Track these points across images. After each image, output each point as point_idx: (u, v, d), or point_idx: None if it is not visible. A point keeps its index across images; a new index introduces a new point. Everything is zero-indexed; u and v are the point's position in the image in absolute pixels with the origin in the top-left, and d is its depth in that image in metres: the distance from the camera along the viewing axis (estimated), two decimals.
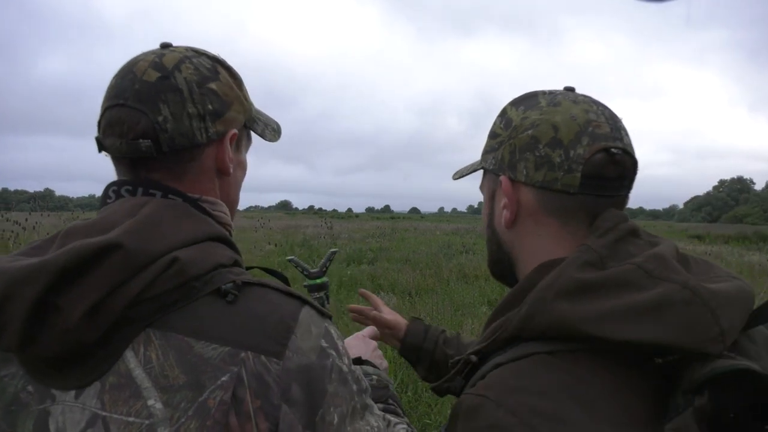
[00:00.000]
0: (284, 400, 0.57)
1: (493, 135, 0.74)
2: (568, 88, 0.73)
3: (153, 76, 0.67)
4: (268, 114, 0.87)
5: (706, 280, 0.57)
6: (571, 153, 0.65)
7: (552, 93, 0.72)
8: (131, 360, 0.56)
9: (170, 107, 0.66)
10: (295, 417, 0.58)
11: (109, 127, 0.67)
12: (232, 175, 0.76)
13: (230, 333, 0.58)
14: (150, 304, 0.57)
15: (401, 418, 0.85)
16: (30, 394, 0.57)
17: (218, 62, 0.74)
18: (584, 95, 0.71)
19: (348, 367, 0.66)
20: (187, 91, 0.67)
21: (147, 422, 0.54)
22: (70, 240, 0.58)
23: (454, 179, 0.88)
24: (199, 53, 0.73)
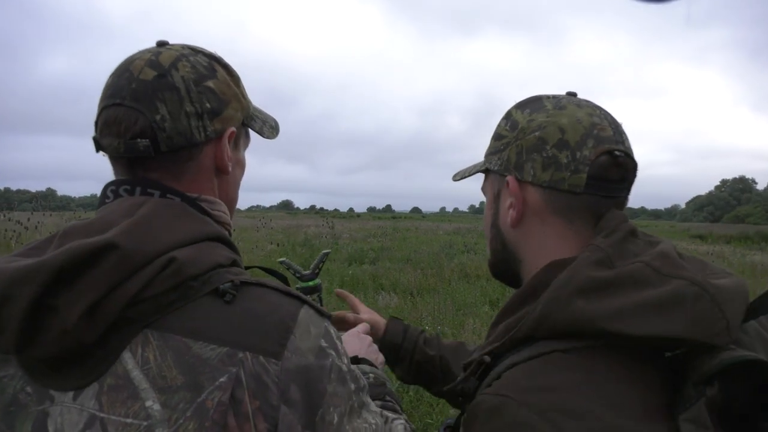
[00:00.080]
0: (283, 401, 0.57)
1: (498, 137, 0.76)
2: (570, 93, 0.75)
3: (150, 74, 0.66)
4: (268, 113, 0.86)
5: (708, 276, 0.59)
6: (578, 154, 0.66)
7: (556, 97, 0.73)
8: (129, 361, 0.56)
9: (168, 106, 0.65)
10: (294, 417, 0.57)
11: (106, 127, 0.66)
12: (231, 174, 0.75)
13: (228, 333, 0.58)
14: (148, 305, 0.57)
15: (399, 415, 0.84)
16: (29, 395, 0.57)
17: (215, 60, 0.73)
18: (586, 100, 0.73)
19: (347, 366, 0.65)
20: (184, 90, 0.67)
21: (145, 423, 0.54)
22: (68, 240, 0.58)
23: (455, 180, 0.89)
24: (196, 51, 0.72)
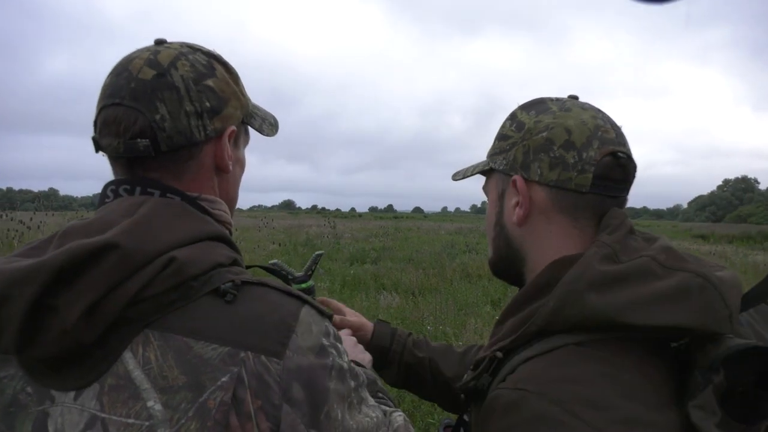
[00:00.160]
0: (285, 400, 0.57)
1: (503, 137, 0.77)
2: (572, 96, 0.77)
3: (149, 74, 0.66)
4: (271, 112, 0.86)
5: (709, 268, 0.62)
6: (584, 155, 0.68)
7: (560, 100, 0.76)
8: (130, 361, 0.56)
9: (167, 105, 0.65)
10: (297, 416, 0.57)
11: (106, 127, 0.66)
12: (231, 173, 0.75)
13: (229, 333, 0.57)
14: (148, 304, 0.56)
15: (395, 408, 0.84)
16: (29, 395, 0.57)
17: (214, 58, 0.73)
18: (588, 103, 0.75)
19: (348, 364, 0.66)
20: (184, 89, 0.66)
21: (147, 424, 0.54)
22: (68, 240, 0.58)
23: (456, 180, 0.90)
24: (194, 49, 0.72)
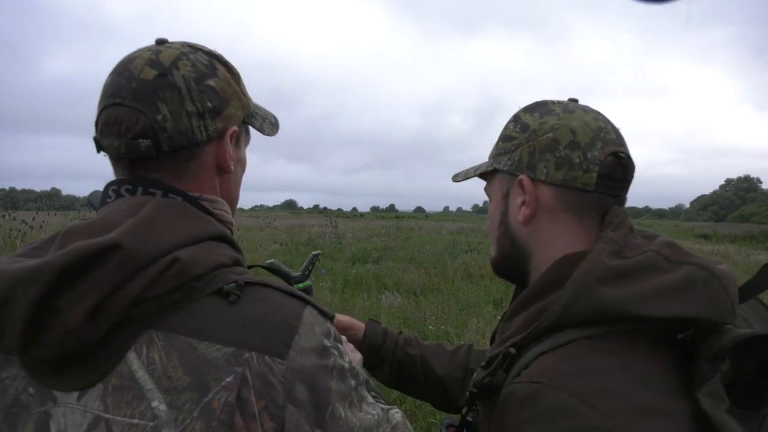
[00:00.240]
0: (289, 400, 0.57)
1: (508, 138, 0.79)
2: (572, 99, 0.80)
3: (150, 74, 0.65)
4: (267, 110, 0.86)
5: (710, 262, 0.64)
6: (589, 155, 0.71)
7: (561, 102, 0.78)
8: (134, 361, 0.56)
9: (169, 106, 0.65)
10: (301, 417, 0.57)
11: (107, 127, 0.66)
12: (233, 173, 0.75)
13: (233, 333, 0.58)
14: (151, 305, 0.56)
15: (391, 405, 0.85)
16: (31, 396, 0.57)
17: (215, 57, 0.73)
18: (588, 106, 0.78)
19: (349, 364, 0.66)
20: (185, 89, 0.66)
21: (151, 424, 0.54)
22: (70, 240, 0.58)
23: (457, 181, 0.91)
24: (196, 49, 0.72)
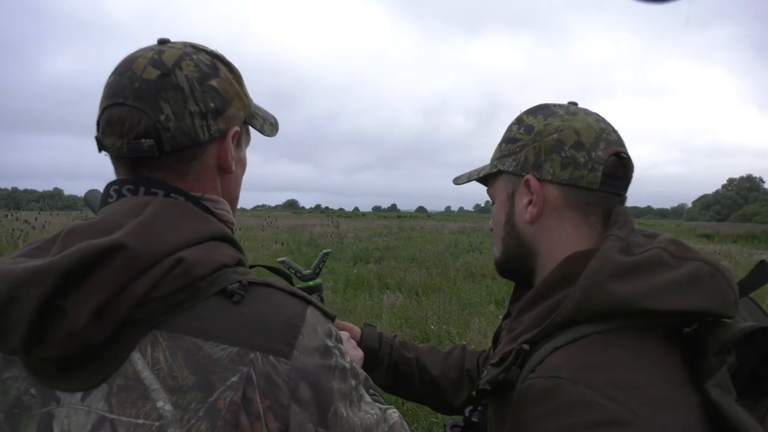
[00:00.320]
0: (293, 400, 0.57)
1: (512, 140, 0.81)
2: (572, 103, 0.82)
3: (153, 74, 0.65)
4: (272, 113, 0.86)
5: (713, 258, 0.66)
6: (593, 155, 0.73)
7: (563, 105, 0.81)
8: (139, 362, 0.56)
9: (171, 106, 0.65)
10: (305, 416, 0.58)
11: (109, 127, 0.66)
12: (234, 173, 0.75)
13: (238, 333, 0.58)
14: (156, 305, 0.57)
15: (389, 405, 0.85)
16: (33, 396, 0.57)
17: (217, 58, 0.73)
18: (589, 109, 0.80)
19: (349, 363, 0.67)
20: (188, 89, 0.66)
21: (157, 424, 0.54)
22: (72, 240, 0.58)
23: (460, 184, 0.92)
24: (198, 49, 0.72)
